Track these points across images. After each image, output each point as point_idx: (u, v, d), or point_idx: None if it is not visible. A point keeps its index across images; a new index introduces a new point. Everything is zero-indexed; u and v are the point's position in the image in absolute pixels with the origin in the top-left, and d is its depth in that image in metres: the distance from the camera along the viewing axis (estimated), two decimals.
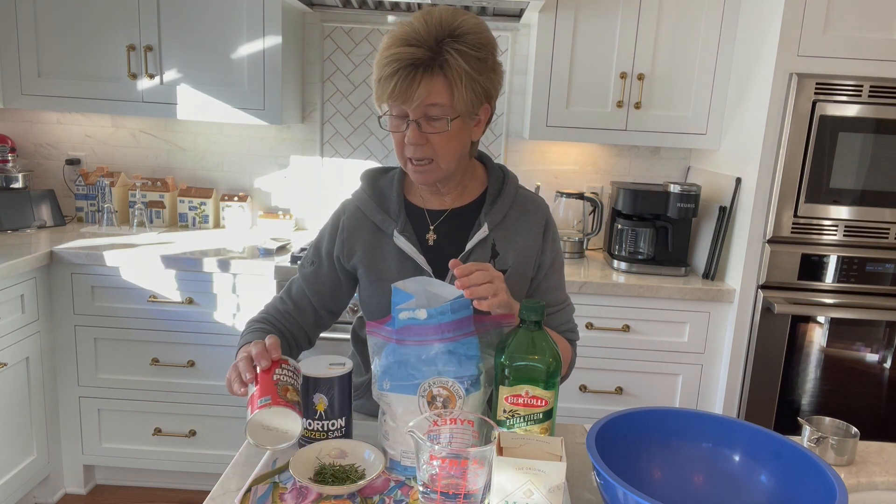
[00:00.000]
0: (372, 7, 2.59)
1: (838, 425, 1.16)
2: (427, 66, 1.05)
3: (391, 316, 1.04)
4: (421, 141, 1.09)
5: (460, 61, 1.06)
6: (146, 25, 2.36)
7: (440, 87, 1.06)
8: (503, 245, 1.21)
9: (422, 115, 1.08)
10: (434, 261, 1.19)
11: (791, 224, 2.13)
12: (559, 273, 1.28)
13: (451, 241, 1.21)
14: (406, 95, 1.05)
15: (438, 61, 1.05)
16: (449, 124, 1.09)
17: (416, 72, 1.04)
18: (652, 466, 0.96)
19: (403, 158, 1.14)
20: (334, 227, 1.25)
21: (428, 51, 1.05)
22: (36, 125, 2.79)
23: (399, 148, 1.13)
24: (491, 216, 1.21)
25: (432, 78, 1.05)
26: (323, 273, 1.26)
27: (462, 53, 1.06)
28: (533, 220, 1.24)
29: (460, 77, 1.06)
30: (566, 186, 2.79)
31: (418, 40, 1.05)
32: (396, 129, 1.12)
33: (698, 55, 2.38)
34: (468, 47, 1.07)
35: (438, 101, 1.07)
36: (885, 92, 2.03)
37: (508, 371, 0.96)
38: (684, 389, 2.33)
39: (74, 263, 2.25)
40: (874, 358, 2.17)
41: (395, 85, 1.04)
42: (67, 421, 2.38)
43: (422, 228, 1.23)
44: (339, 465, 0.99)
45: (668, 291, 2.23)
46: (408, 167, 1.15)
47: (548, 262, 1.25)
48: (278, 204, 2.84)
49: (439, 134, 1.09)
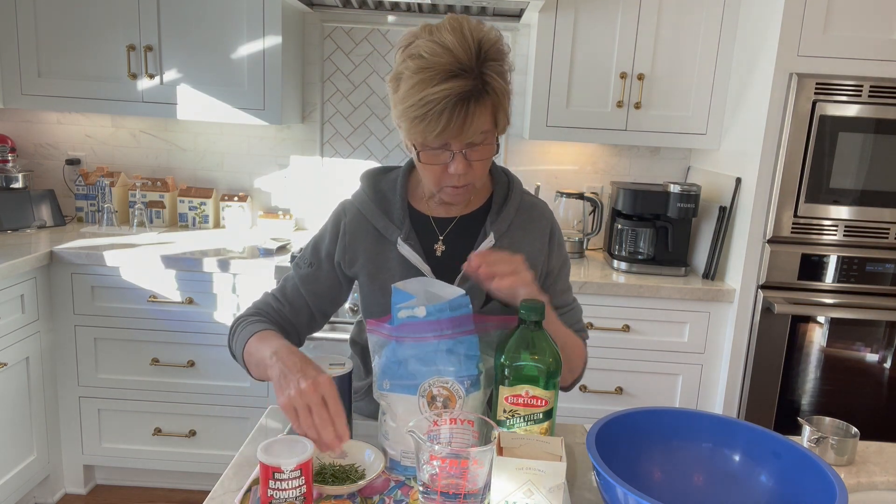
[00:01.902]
0: (372, 7, 2.59)
1: (838, 425, 1.16)
2: (477, 96, 0.99)
3: (391, 315, 1.04)
4: (467, 170, 1.05)
5: (501, 82, 1.02)
6: (146, 25, 2.36)
7: (488, 115, 1.02)
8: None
9: (466, 144, 1.03)
10: (438, 270, 1.16)
11: (791, 224, 2.13)
12: (566, 277, 1.27)
13: (456, 251, 1.18)
14: (460, 130, 0.99)
15: (486, 88, 1.00)
16: (494, 145, 1.06)
17: (467, 105, 0.98)
18: (652, 466, 0.96)
19: (438, 185, 1.10)
20: (335, 230, 1.21)
21: (475, 79, 0.99)
22: (36, 125, 2.79)
23: (435, 178, 1.08)
24: (497, 225, 1.18)
25: (483, 108, 1.00)
26: (322, 276, 1.22)
27: (498, 73, 1.02)
28: (538, 229, 1.22)
29: (503, 98, 1.03)
30: (566, 186, 2.79)
31: (463, 69, 0.98)
32: (435, 161, 1.06)
33: (698, 55, 2.38)
34: (498, 62, 1.02)
35: (486, 127, 1.03)
36: (885, 92, 2.03)
37: (508, 371, 0.96)
38: (684, 389, 2.33)
39: (74, 263, 2.25)
40: (874, 358, 2.17)
41: (448, 122, 0.98)
42: (67, 421, 2.38)
43: (427, 236, 1.19)
44: (339, 465, 0.99)
45: (668, 291, 2.23)
46: (442, 190, 1.11)
47: (556, 267, 1.24)
48: (278, 204, 2.84)
49: (481, 155, 1.06)
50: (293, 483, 0.84)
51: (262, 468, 0.84)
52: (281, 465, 0.83)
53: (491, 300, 1.14)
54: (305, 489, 0.85)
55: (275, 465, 0.83)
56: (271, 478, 0.83)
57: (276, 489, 0.84)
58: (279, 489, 0.84)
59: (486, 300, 1.15)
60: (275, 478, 0.83)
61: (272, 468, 0.83)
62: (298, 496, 0.85)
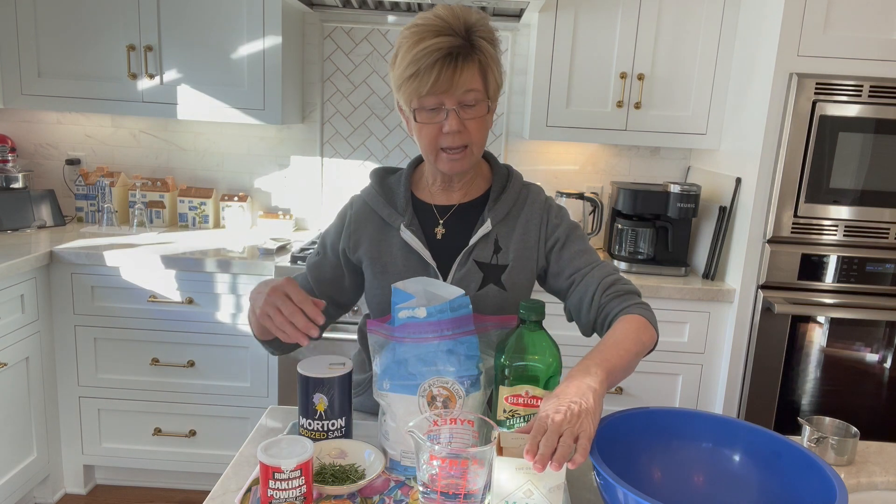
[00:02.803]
0: (372, 7, 2.59)
1: (838, 425, 1.16)
2: (465, 53, 1.08)
3: (391, 315, 1.04)
4: (461, 128, 1.11)
5: (488, 46, 1.11)
6: (146, 25, 2.36)
7: (476, 74, 1.10)
8: (505, 240, 1.23)
9: (458, 103, 1.10)
10: (438, 255, 1.21)
11: (791, 224, 2.13)
12: (580, 241, 1.24)
13: (456, 236, 1.23)
14: (450, 84, 1.07)
15: (473, 48, 1.09)
16: (486, 108, 1.13)
17: (456, 60, 1.07)
18: (652, 466, 0.96)
19: (435, 150, 1.15)
20: (340, 222, 1.28)
21: (462, 39, 1.08)
22: (36, 125, 2.79)
23: (431, 140, 1.14)
24: (494, 212, 1.22)
25: (471, 64, 1.09)
26: (326, 262, 1.28)
27: (486, 38, 1.11)
28: (533, 210, 1.25)
29: (491, 62, 1.12)
30: (566, 186, 2.79)
31: (451, 30, 1.08)
32: (430, 120, 1.12)
33: (698, 55, 2.38)
34: (486, 31, 1.12)
35: (475, 86, 1.10)
36: (885, 92, 2.03)
37: (508, 371, 0.96)
38: (684, 389, 2.33)
39: (74, 263, 2.25)
40: (874, 358, 2.17)
41: (438, 75, 1.06)
42: (67, 421, 2.38)
43: (429, 223, 1.25)
44: (339, 465, 0.99)
45: (668, 291, 2.23)
46: (440, 158, 1.15)
47: (561, 234, 1.23)
48: (278, 204, 2.84)
49: (475, 119, 1.12)
50: (293, 483, 0.84)
51: (262, 468, 0.84)
52: (281, 465, 0.83)
53: (487, 283, 1.20)
54: (305, 489, 0.85)
55: (275, 465, 0.83)
56: (271, 478, 0.84)
57: (276, 489, 0.84)
58: (279, 489, 0.84)
59: (482, 283, 1.19)
60: (275, 478, 0.84)
61: (272, 468, 0.83)
62: (298, 496, 0.85)
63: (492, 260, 1.21)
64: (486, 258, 1.21)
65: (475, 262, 1.21)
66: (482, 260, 1.21)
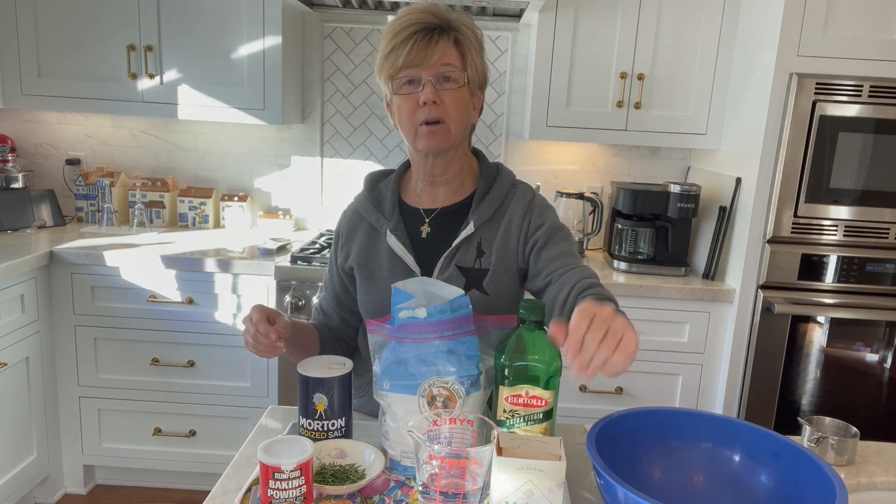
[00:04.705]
0: (372, 7, 2.59)
1: (838, 425, 1.16)
2: (442, 31, 1.12)
3: (391, 315, 1.04)
4: (436, 98, 1.12)
5: (468, 31, 1.15)
6: (146, 25, 2.36)
7: (454, 52, 1.14)
8: (489, 243, 1.20)
9: (435, 76, 1.12)
10: (423, 259, 1.22)
11: (791, 224, 2.13)
12: (563, 243, 1.20)
13: (440, 238, 1.22)
14: (424, 55, 1.10)
15: (450, 27, 1.13)
16: (462, 83, 1.14)
17: (431, 35, 1.11)
18: (652, 466, 0.96)
19: (414, 126, 1.15)
20: (336, 236, 1.32)
21: (441, 20, 1.13)
22: (36, 125, 2.79)
23: (410, 115, 1.14)
24: (478, 213, 1.20)
25: (447, 42, 1.12)
26: (335, 278, 1.32)
27: (466, 24, 1.16)
28: (515, 211, 1.21)
29: (472, 45, 1.15)
30: (566, 186, 2.79)
31: (431, 13, 1.13)
32: (408, 93, 1.14)
33: (698, 55, 2.38)
34: (468, 23, 1.17)
35: (452, 61, 1.13)
36: (885, 92, 2.03)
37: (508, 371, 0.96)
38: (684, 389, 2.33)
39: (74, 263, 2.25)
40: (874, 358, 2.17)
41: (412, 47, 1.09)
42: (67, 421, 2.38)
43: (415, 226, 1.24)
44: (339, 465, 0.99)
45: (668, 291, 2.23)
46: (418, 133, 1.15)
47: (542, 235, 1.19)
48: (278, 204, 2.84)
49: (452, 92, 1.13)
50: (293, 483, 0.84)
51: (262, 468, 0.84)
52: (281, 465, 0.83)
53: (470, 288, 1.18)
54: (305, 489, 0.85)
55: (275, 465, 0.83)
56: (271, 478, 0.84)
57: (276, 489, 0.84)
58: (279, 489, 0.84)
59: (465, 289, 1.16)
60: (275, 478, 0.84)
61: (272, 468, 0.83)
62: (298, 496, 0.85)
63: (474, 264, 1.19)
64: (469, 262, 1.19)
65: (457, 266, 1.19)
66: (465, 264, 1.19)
